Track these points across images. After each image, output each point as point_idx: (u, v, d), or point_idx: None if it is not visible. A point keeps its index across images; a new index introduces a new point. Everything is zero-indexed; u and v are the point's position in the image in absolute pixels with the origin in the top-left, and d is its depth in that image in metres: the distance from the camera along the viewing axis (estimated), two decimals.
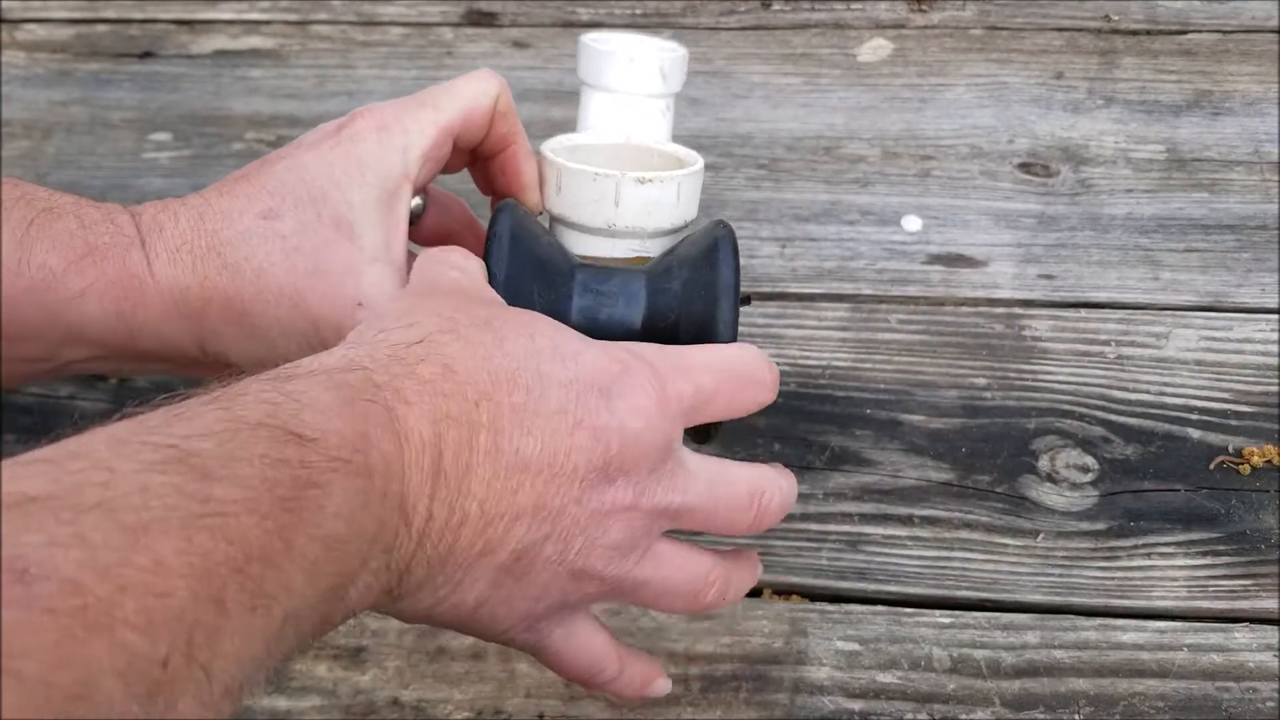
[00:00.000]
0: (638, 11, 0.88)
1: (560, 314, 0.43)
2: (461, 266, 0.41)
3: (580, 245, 0.48)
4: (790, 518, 0.62)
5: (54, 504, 0.24)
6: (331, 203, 0.43)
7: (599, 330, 0.43)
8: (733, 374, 0.41)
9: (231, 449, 0.28)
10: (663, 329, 0.45)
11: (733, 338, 0.44)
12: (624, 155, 0.51)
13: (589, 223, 0.48)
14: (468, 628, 0.39)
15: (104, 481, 0.25)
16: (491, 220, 0.45)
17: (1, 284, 0.40)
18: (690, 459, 0.41)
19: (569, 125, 0.80)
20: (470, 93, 0.48)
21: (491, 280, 0.42)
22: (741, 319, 0.70)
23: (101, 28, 0.88)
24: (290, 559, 0.27)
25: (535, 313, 0.39)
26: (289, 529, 0.27)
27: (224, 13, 0.88)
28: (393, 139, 0.45)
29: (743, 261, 0.73)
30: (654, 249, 0.49)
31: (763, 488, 0.42)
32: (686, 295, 0.45)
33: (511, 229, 0.43)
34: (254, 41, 0.86)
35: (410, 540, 0.32)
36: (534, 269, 0.44)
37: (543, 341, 0.37)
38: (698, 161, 0.51)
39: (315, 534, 0.28)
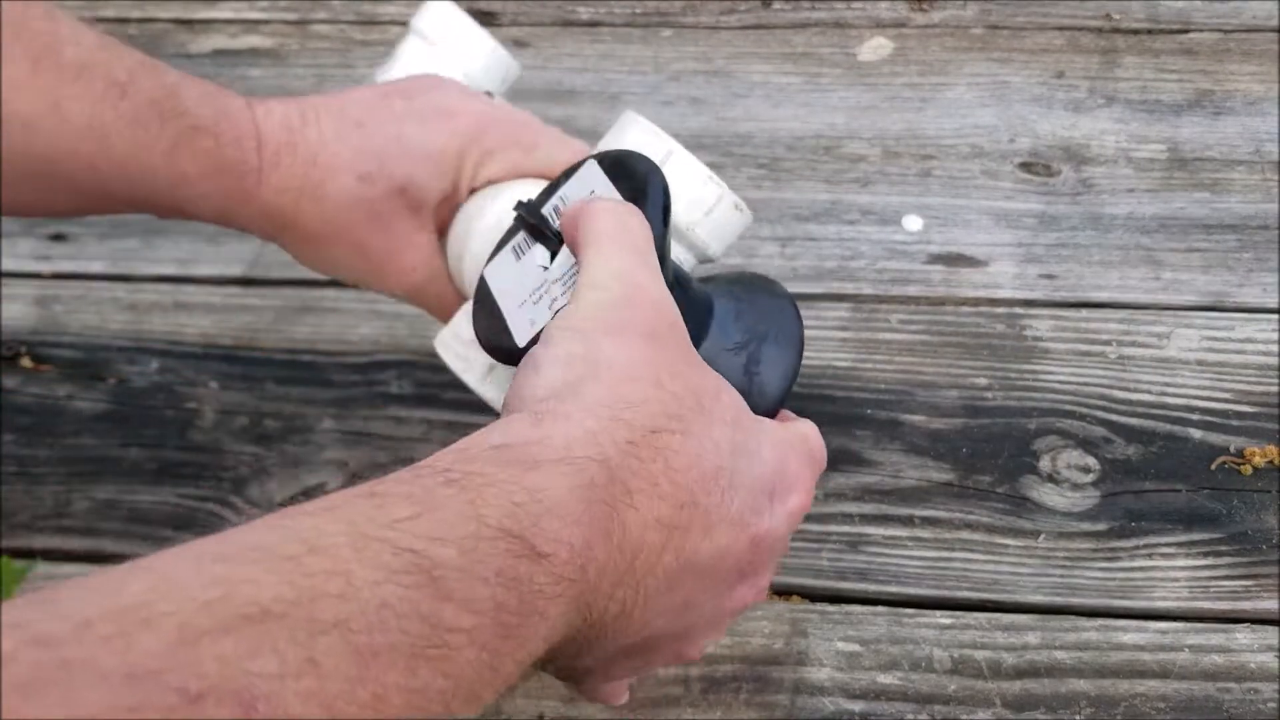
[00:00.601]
0: (637, 10, 0.88)
1: (718, 363, 0.41)
2: (656, 295, 0.38)
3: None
4: None
5: (290, 622, 0.23)
6: (416, 188, 0.49)
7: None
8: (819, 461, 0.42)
9: (471, 561, 0.27)
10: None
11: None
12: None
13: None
14: (557, 674, 0.39)
15: (341, 592, 0.24)
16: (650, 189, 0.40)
17: (148, 178, 0.47)
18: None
19: (568, 124, 0.80)
20: (563, 160, 0.50)
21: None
22: None
23: (100, 27, 0.88)
24: (491, 682, 0.27)
25: (722, 381, 0.38)
26: (501, 655, 0.27)
27: (223, 12, 0.88)
28: (485, 164, 0.50)
29: (743, 261, 0.73)
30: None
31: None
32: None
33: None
34: (253, 41, 0.86)
35: (579, 629, 0.32)
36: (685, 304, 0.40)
37: (739, 434, 0.36)
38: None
39: (521, 658, 0.28)
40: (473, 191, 0.51)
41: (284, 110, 0.50)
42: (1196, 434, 0.64)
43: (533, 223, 0.41)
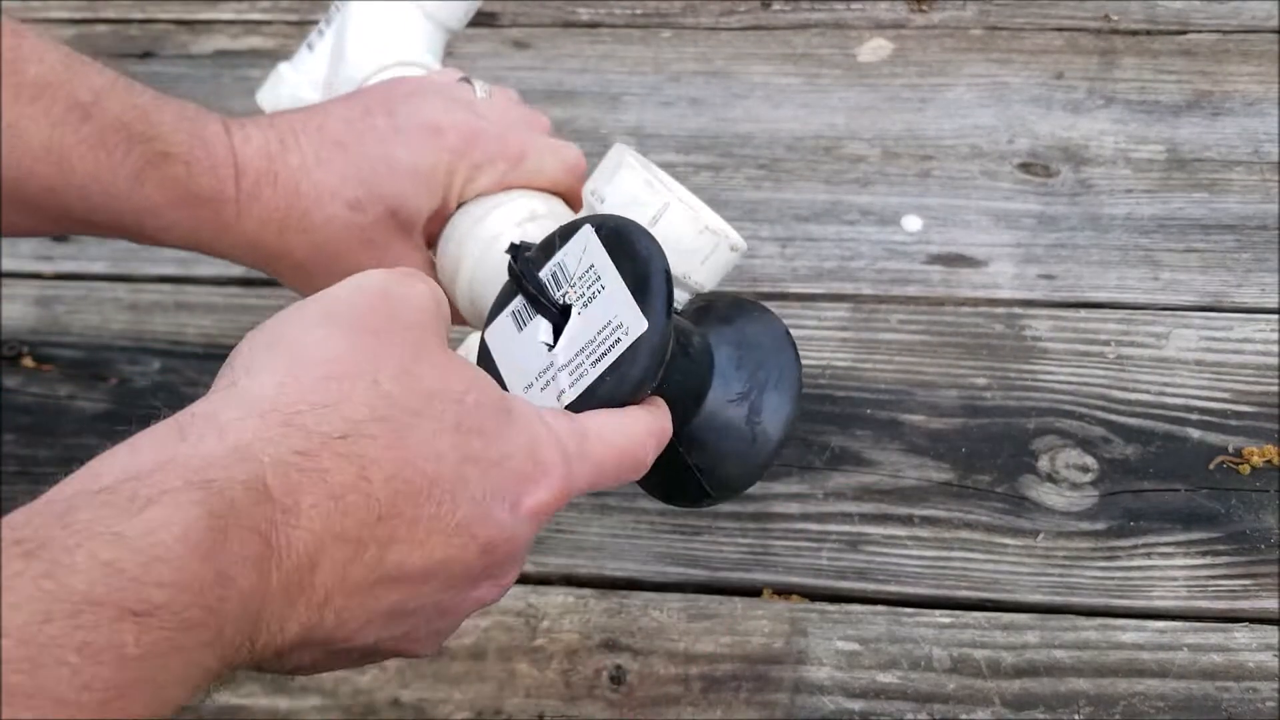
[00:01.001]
0: (637, 11, 0.88)
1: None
2: (432, 299, 0.36)
3: None
4: (790, 517, 0.62)
5: None
6: (407, 210, 0.48)
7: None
8: (630, 465, 0.38)
9: (36, 650, 0.23)
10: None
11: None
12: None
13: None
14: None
15: None
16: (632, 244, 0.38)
17: (112, 205, 0.46)
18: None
19: (568, 125, 0.80)
20: (550, 170, 0.50)
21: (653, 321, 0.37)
22: None
23: (101, 28, 0.88)
24: None
25: (477, 382, 0.35)
26: (125, 708, 0.24)
27: (224, 13, 0.88)
28: (473, 179, 0.49)
29: (743, 261, 0.73)
30: None
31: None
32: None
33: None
34: (254, 41, 0.86)
35: (247, 652, 0.29)
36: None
37: (477, 442, 0.33)
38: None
39: (166, 699, 0.25)
40: (460, 204, 0.50)
41: (262, 136, 0.48)
42: (1195, 434, 0.64)
43: (532, 291, 0.40)
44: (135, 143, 0.45)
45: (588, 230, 0.39)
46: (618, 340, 0.37)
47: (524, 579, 0.60)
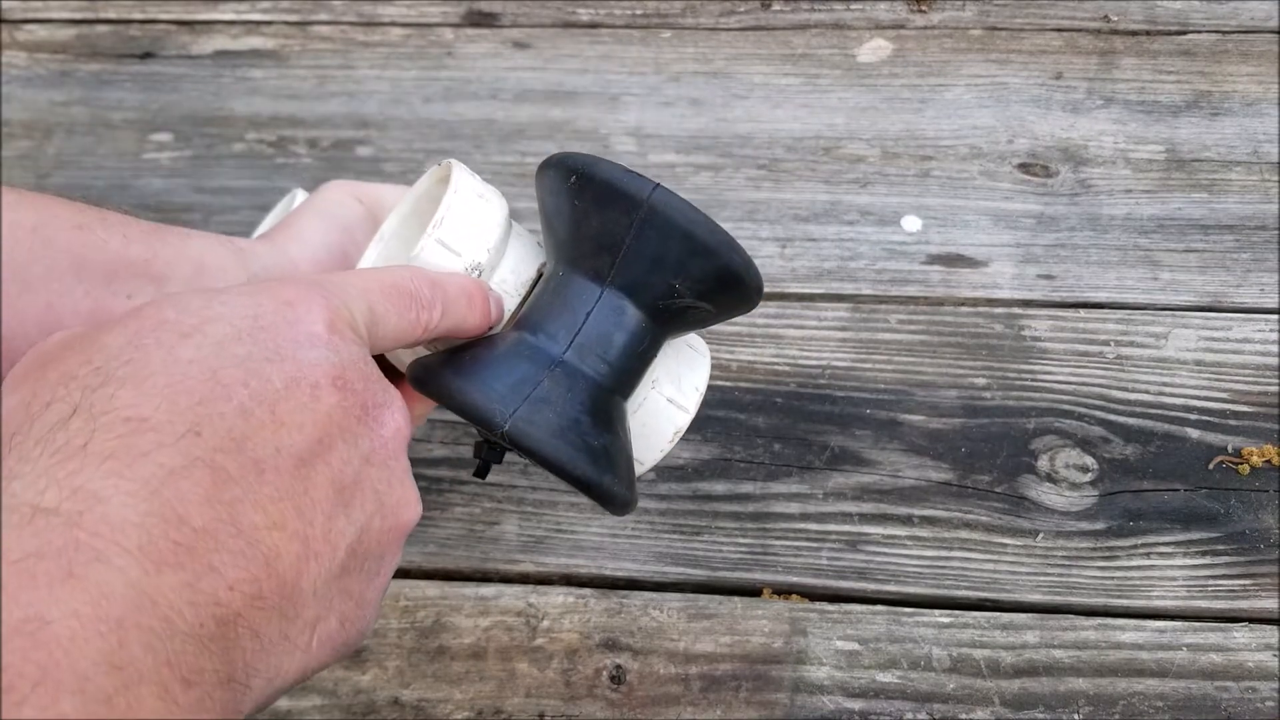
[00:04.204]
0: (637, 12, 0.88)
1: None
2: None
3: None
4: (790, 517, 0.62)
5: None
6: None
7: None
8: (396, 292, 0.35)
9: None
10: None
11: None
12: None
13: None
14: None
15: None
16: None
17: None
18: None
19: (568, 125, 0.80)
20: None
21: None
22: (742, 319, 0.70)
23: (102, 28, 0.88)
24: None
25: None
26: None
27: (224, 13, 0.88)
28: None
29: None
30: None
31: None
32: None
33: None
34: (255, 42, 0.86)
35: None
36: None
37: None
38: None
39: None
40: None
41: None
42: (1194, 434, 0.64)
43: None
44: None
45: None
46: None
47: (524, 579, 0.60)
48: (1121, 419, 0.65)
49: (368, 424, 0.30)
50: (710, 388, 0.66)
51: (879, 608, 0.58)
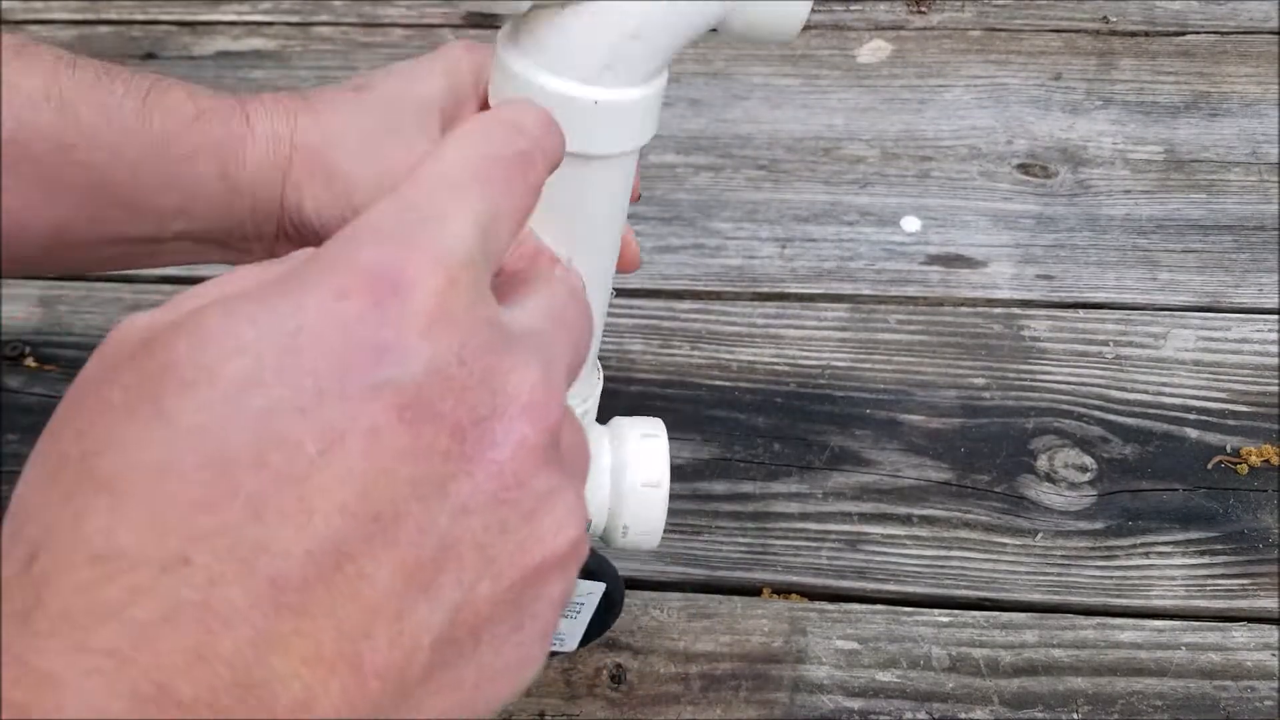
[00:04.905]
0: None
1: None
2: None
3: None
4: (790, 517, 0.62)
5: None
6: (415, 94, 0.45)
7: None
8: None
9: None
10: None
11: None
12: None
13: None
14: None
15: None
16: None
17: (127, 144, 0.41)
18: None
19: None
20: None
21: None
22: (742, 319, 0.70)
23: (103, 29, 0.88)
24: None
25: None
26: None
27: (226, 14, 0.88)
28: (471, 57, 0.45)
29: (743, 262, 0.74)
30: None
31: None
32: None
33: None
34: (256, 43, 0.87)
35: None
36: None
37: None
38: None
39: None
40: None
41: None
42: (1193, 433, 0.64)
43: None
44: (130, 77, 0.42)
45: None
46: None
47: None
48: (1120, 419, 0.65)
49: (463, 457, 0.21)
50: (710, 388, 0.67)
51: (878, 607, 0.59)
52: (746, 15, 0.33)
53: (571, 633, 0.48)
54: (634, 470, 0.43)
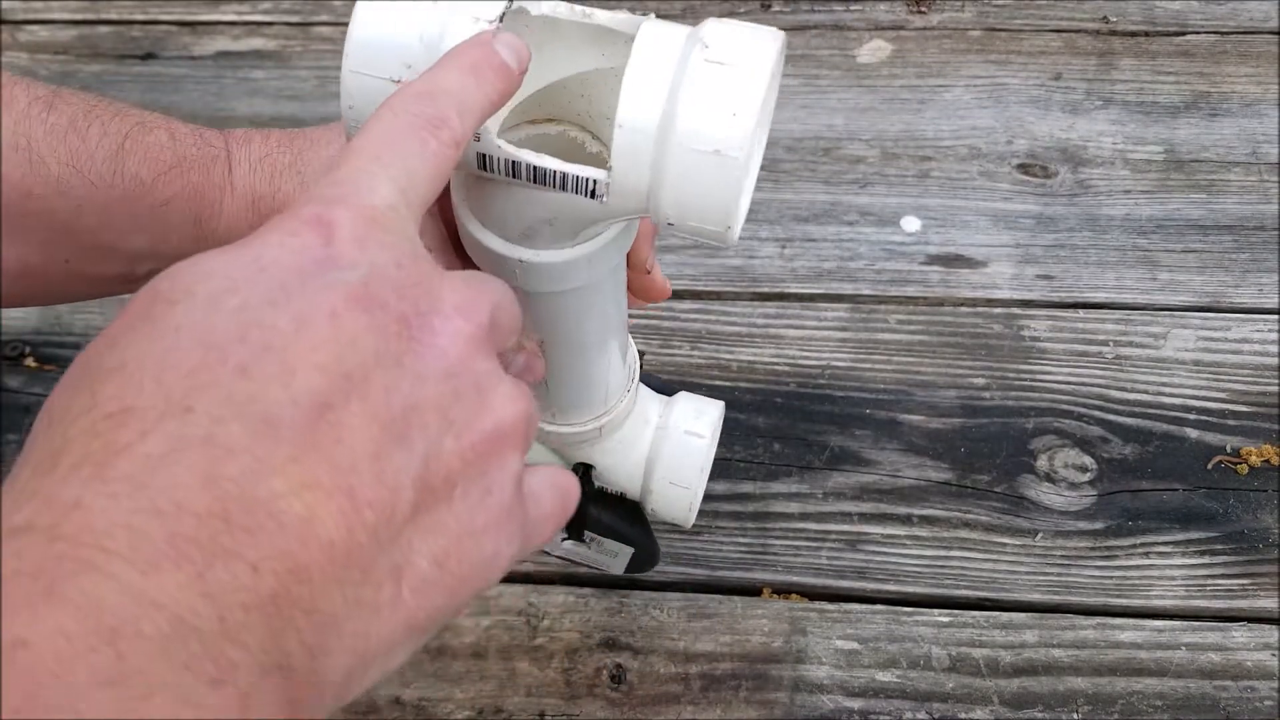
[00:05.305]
0: (637, 12, 0.88)
1: None
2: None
3: None
4: (790, 517, 0.62)
5: None
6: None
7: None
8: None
9: None
10: None
11: None
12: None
13: None
14: None
15: None
16: None
17: (97, 195, 0.41)
18: None
19: None
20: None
21: None
22: (742, 319, 0.70)
23: (103, 29, 0.88)
24: None
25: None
26: None
27: (226, 14, 0.88)
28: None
29: (743, 262, 0.74)
30: None
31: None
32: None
33: None
34: (256, 43, 0.87)
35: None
36: None
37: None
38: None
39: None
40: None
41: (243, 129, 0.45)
42: (1193, 433, 0.64)
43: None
44: (109, 120, 0.41)
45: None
46: None
47: (525, 578, 0.60)
48: (1120, 419, 0.65)
49: (411, 338, 0.26)
50: (710, 388, 0.67)
51: (878, 607, 0.59)
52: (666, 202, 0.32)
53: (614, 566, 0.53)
54: (679, 420, 0.46)
